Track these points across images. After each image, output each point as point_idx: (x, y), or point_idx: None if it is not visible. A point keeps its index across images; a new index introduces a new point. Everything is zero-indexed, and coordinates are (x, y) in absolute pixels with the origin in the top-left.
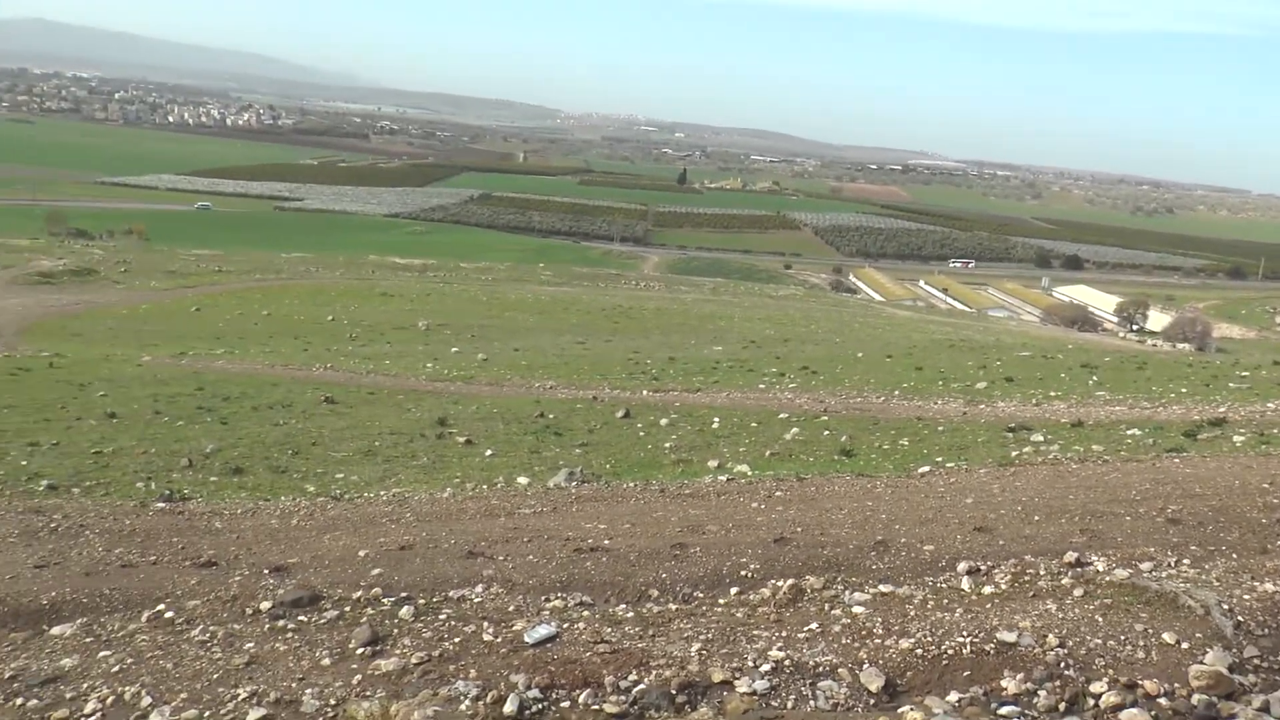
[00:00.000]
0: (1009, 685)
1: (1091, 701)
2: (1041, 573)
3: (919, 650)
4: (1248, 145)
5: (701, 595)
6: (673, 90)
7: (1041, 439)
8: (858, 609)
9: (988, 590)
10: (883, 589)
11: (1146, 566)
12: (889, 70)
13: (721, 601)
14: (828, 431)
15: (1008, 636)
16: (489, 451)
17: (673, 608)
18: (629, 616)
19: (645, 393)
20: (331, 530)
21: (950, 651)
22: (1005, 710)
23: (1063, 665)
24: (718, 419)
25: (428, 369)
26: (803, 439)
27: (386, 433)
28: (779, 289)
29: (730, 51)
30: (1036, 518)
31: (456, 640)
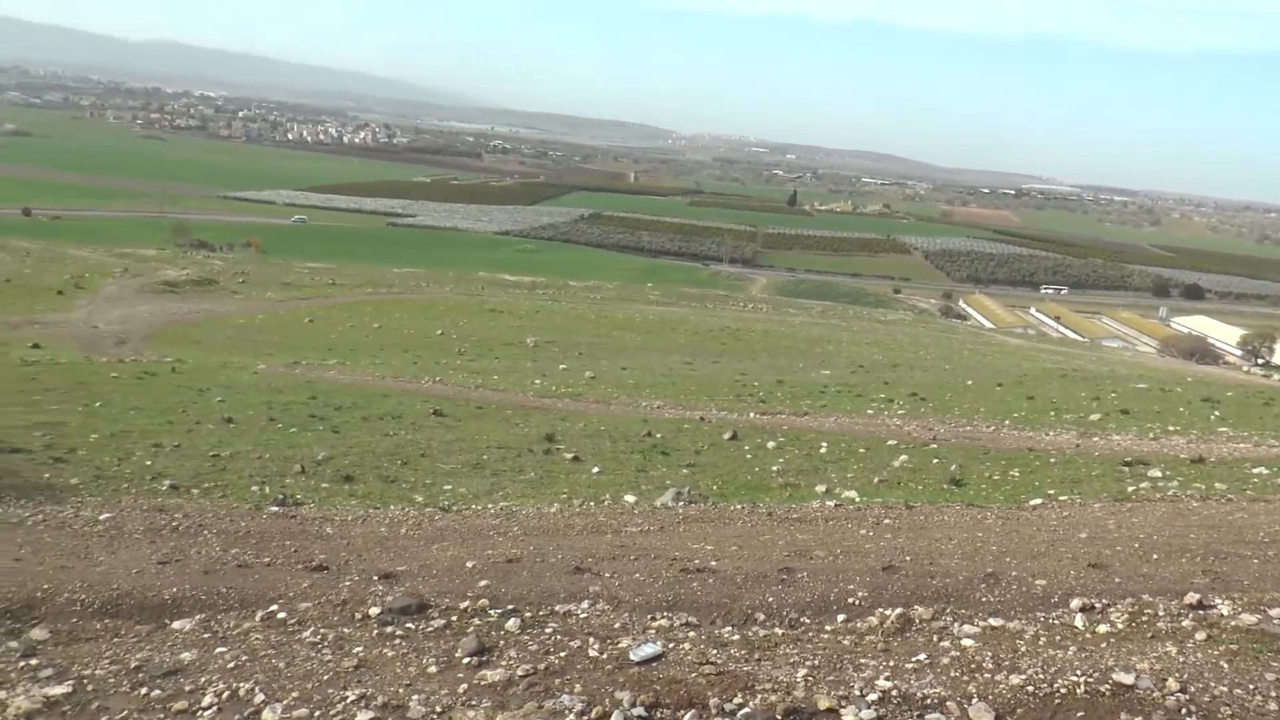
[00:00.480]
0: None
1: None
2: (1160, 613)
3: (1030, 687)
4: None
5: (808, 621)
6: (785, 112)
7: (1160, 475)
8: (967, 641)
9: (1103, 629)
10: (993, 622)
11: (1276, 613)
12: (1004, 92)
13: (828, 628)
14: (937, 460)
15: (1125, 678)
16: (596, 469)
17: (779, 632)
18: (734, 639)
19: (752, 415)
20: (439, 540)
21: (1063, 690)
22: None
23: (1184, 712)
24: (825, 443)
25: (536, 385)
26: (911, 466)
27: (494, 447)
28: (887, 313)
29: (843, 73)
30: (1155, 556)
31: (562, 654)
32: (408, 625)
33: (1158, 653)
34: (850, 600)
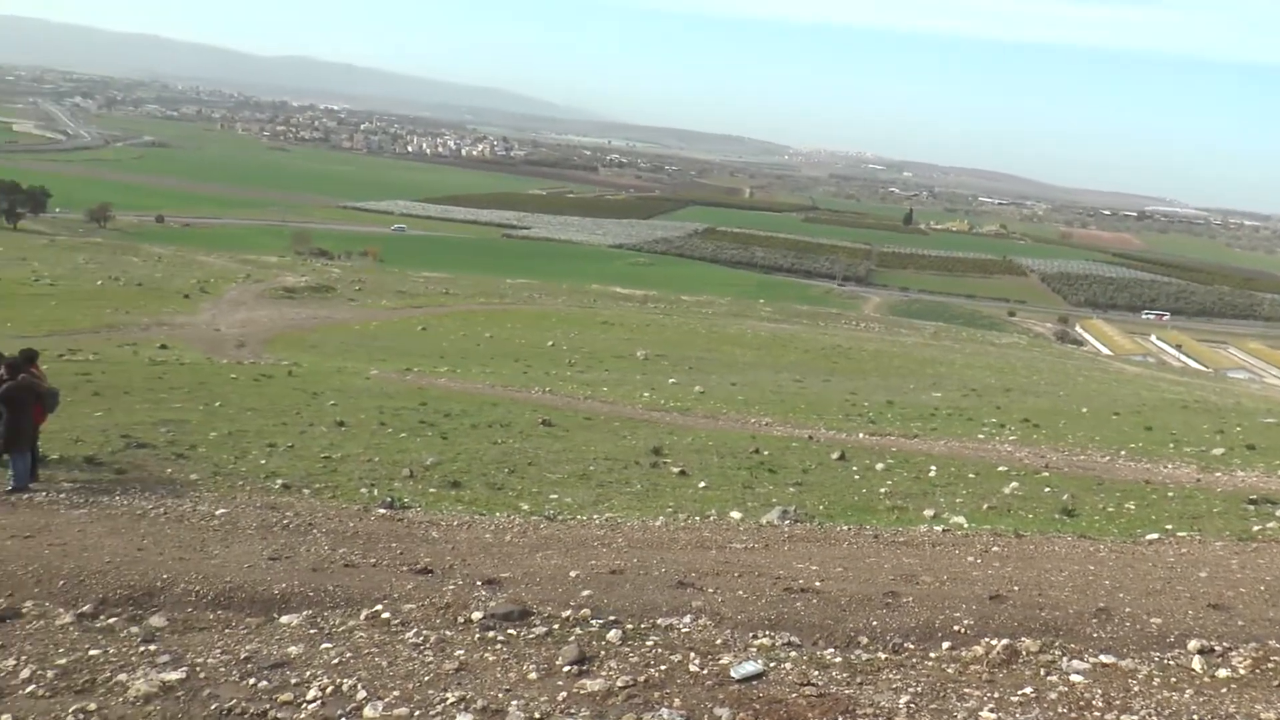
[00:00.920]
0: None
1: None
2: None
3: None
4: None
5: (912, 646)
6: (902, 128)
7: None
8: (1076, 678)
9: (1223, 673)
10: (1104, 659)
11: None
12: (1129, 111)
13: (932, 655)
14: (1049, 488)
15: None
16: (702, 483)
17: (882, 656)
18: (837, 661)
19: (861, 435)
20: (544, 549)
21: None
22: None
23: None
24: (934, 467)
25: (644, 398)
26: (1022, 494)
27: (601, 458)
28: (1001, 336)
29: (962, 90)
30: None
31: (662, 668)
32: (509, 631)
33: None
34: (955, 628)
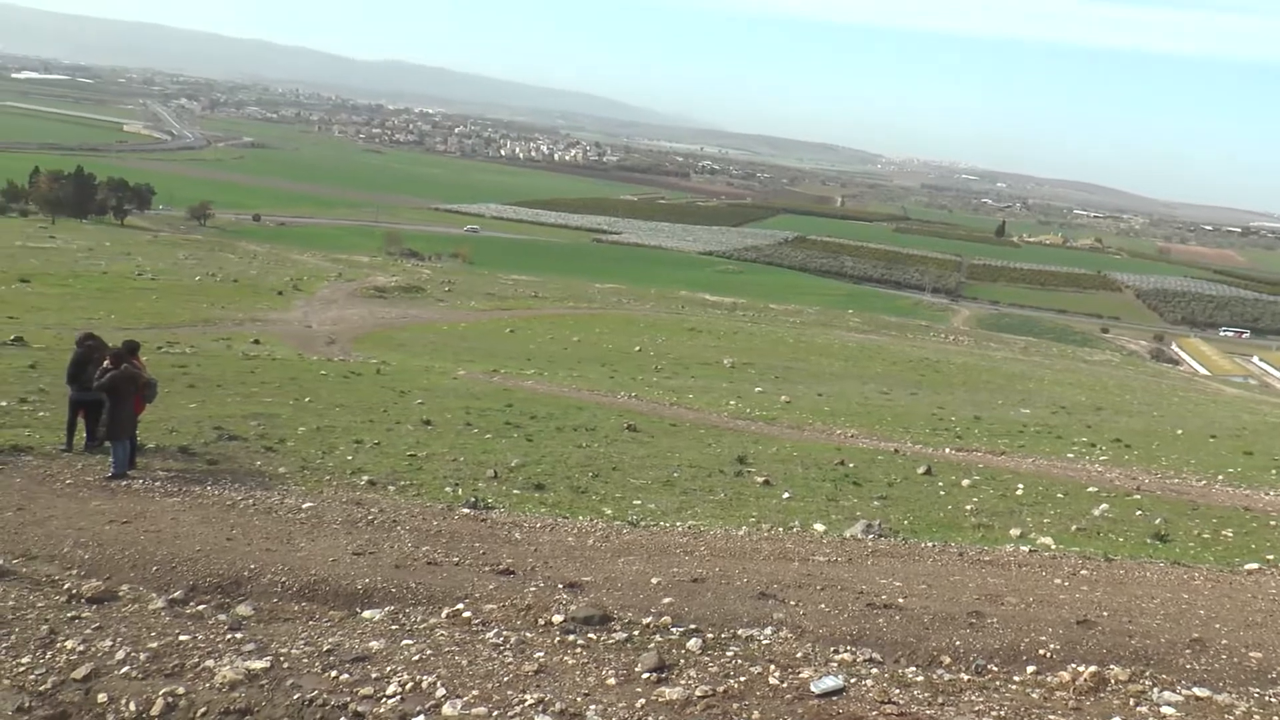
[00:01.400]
0: None
1: None
2: None
3: None
4: None
5: (996, 669)
6: (998, 139)
7: None
8: (1167, 710)
9: None
10: (1198, 692)
11: None
12: (1234, 123)
13: (1016, 679)
14: (1140, 511)
15: None
16: (786, 494)
17: (964, 678)
18: (918, 680)
19: (948, 450)
20: (626, 554)
21: None
22: None
23: None
24: (1022, 485)
25: (730, 406)
26: (1112, 517)
27: (686, 465)
28: (1093, 353)
29: (1060, 100)
30: None
31: (742, 679)
32: (589, 635)
33: None
34: (1041, 652)
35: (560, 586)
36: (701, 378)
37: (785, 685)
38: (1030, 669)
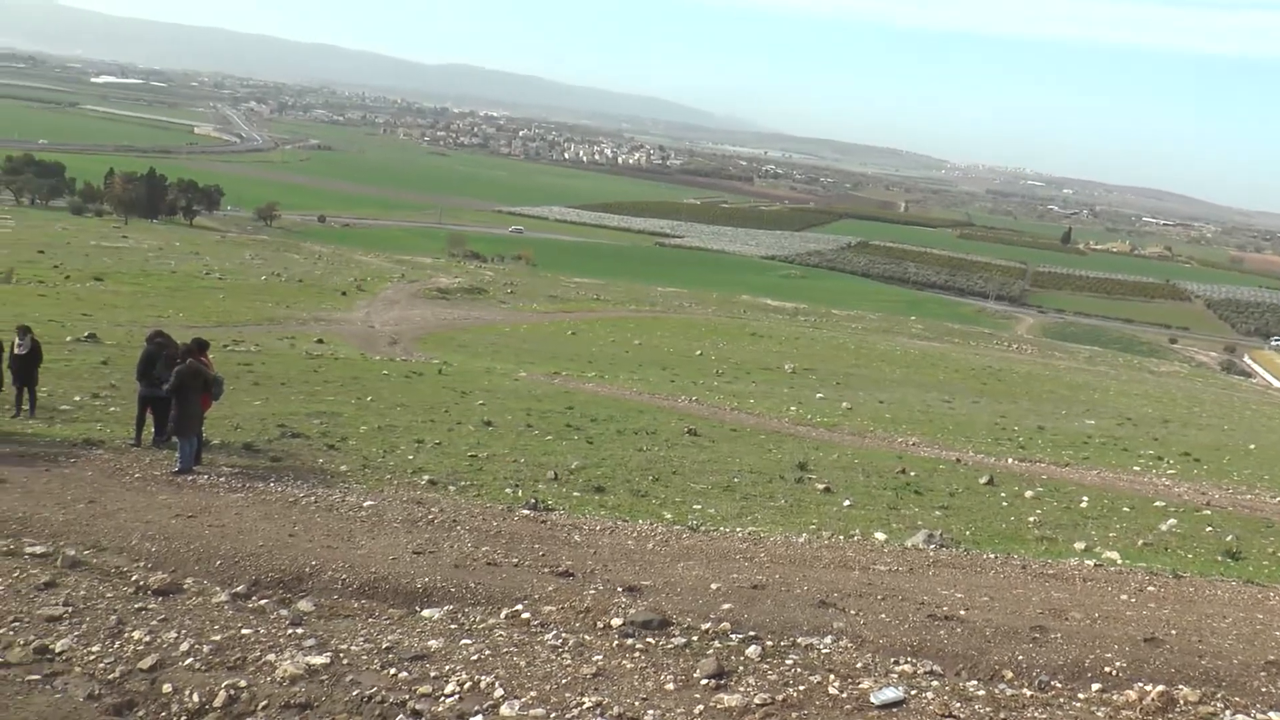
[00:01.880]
0: None
1: None
2: None
3: None
4: None
5: (1059, 685)
6: (1065, 144)
7: None
8: None
9: None
10: (1274, 717)
11: None
12: None
13: (1081, 696)
14: (1210, 528)
15: None
16: (847, 502)
17: (1027, 693)
18: (980, 694)
19: (1010, 460)
20: (685, 559)
21: None
22: None
23: None
24: (1086, 498)
25: (791, 412)
26: (1180, 532)
27: (746, 471)
28: (1160, 364)
29: (1131, 104)
30: None
31: (801, 688)
32: (648, 639)
33: None
34: (1107, 669)
35: (619, 590)
36: (762, 383)
37: (845, 695)
38: (1095, 686)
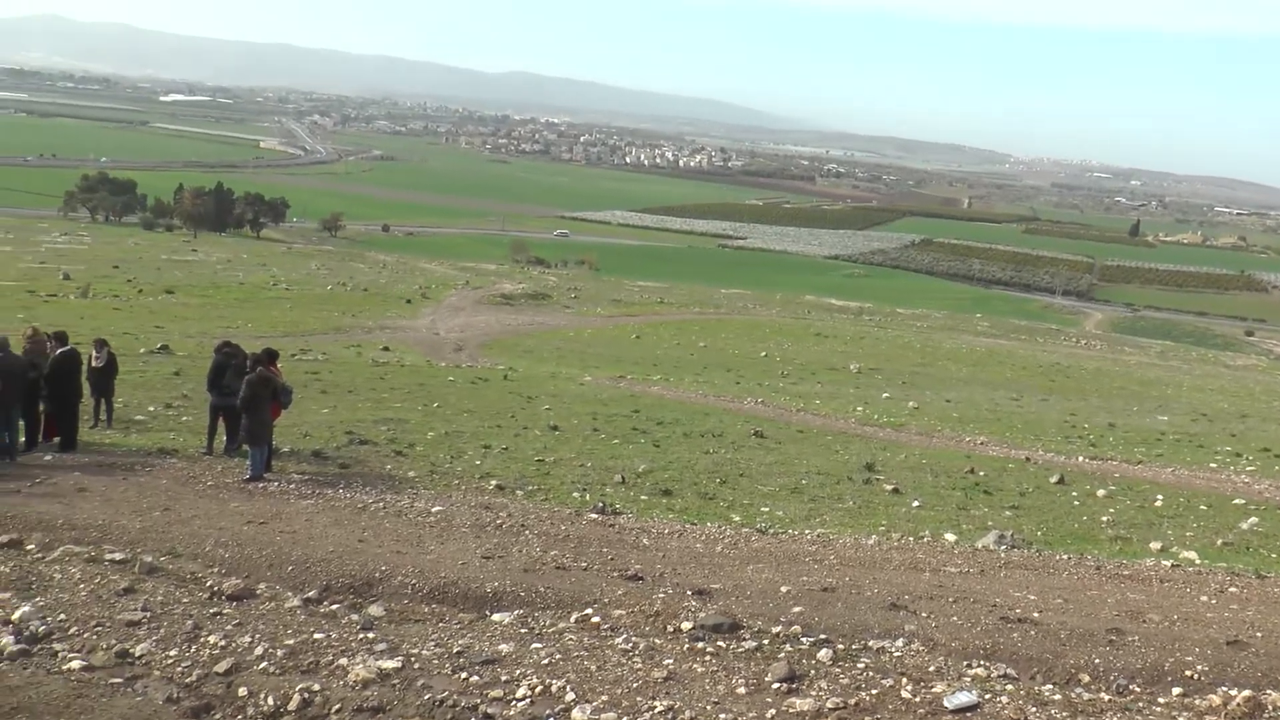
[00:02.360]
0: None
1: None
2: None
3: None
4: None
5: (1138, 689)
6: (1132, 134)
7: None
8: None
9: None
10: None
11: None
12: None
13: (1161, 700)
14: None
15: None
16: (916, 503)
17: (1105, 698)
18: (1055, 699)
19: (1081, 459)
20: (754, 562)
21: None
22: None
23: None
24: (1161, 496)
25: (858, 412)
26: (1263, 531)
27: (814, 472)
28: (1236, 357)
29: (1200, 91)
30: None
31: (873, 692)
32: (719, 643)
33: None
34: (1188, 673)
35: (689, 593)
36: (828, 383)
37: (918, 699)
38: (1176, 691)
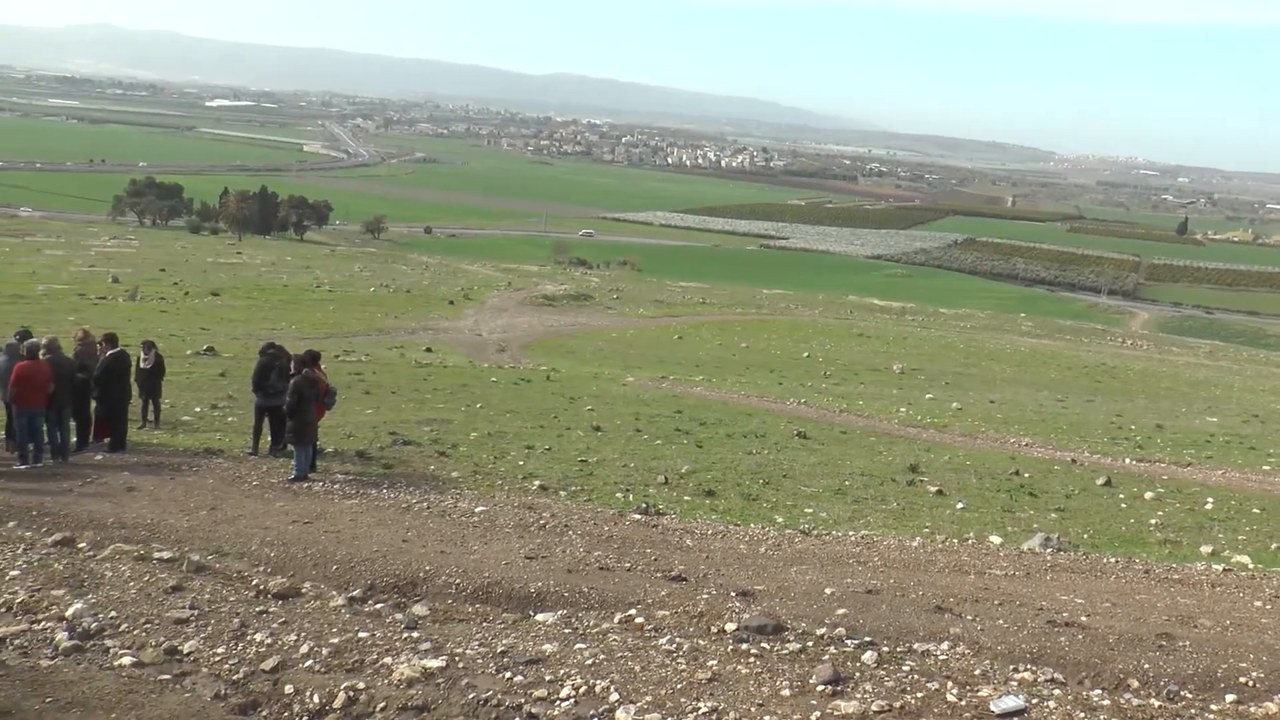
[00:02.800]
0: None
1: None
2: None
3: None
4: None
5: (1190, 696)
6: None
7: None
8: None
9: None
10: None
11: None
12: None
13: (1214, 708)
14: None
15: None
16: (960, 504)
17: (1155, 703)
18: (1104, 704)
19: (1128, 461)
20: (798, 563)
21: None
22: None
23: None
24: (1211, 499)
25: (901, 413)
26: None
27: (857, 473)
28: None
29: (1248, 85)
30: None
31: (919, 695)
32: (763, 645)
33: None
34: (1242, 679)
35: (733, 594)
36: (871, 384)
37: (964, 703)
38: (1230, 698)
